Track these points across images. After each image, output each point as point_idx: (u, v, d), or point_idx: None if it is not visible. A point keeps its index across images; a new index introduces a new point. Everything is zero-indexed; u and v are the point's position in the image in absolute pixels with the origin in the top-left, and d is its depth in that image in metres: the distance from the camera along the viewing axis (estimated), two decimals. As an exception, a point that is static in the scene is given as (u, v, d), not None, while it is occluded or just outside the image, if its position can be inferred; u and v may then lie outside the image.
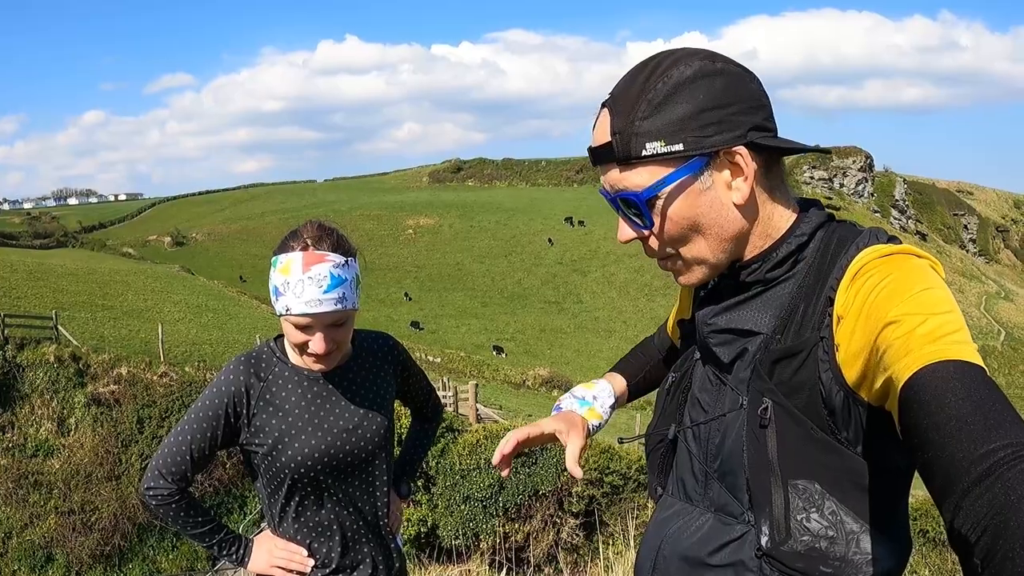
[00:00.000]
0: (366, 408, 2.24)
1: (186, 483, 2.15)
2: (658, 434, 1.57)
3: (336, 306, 2.01)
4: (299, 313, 1.99)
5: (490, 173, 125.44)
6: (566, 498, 16.88)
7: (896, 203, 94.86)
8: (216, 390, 2.12)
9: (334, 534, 2.23)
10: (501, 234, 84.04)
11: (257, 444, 2.13)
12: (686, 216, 1.29)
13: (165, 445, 2.14)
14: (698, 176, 1.27)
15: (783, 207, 1.35)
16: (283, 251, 2.04)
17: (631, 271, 70.16)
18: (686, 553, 1.41)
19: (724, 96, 1.25)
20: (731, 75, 1.27)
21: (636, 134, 1.27)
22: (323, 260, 2.01)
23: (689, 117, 1.24)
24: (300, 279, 1.99)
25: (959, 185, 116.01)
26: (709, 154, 1.26)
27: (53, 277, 39.51)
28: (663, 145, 1.25)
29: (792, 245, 1.32)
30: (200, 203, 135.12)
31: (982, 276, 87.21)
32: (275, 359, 2.20)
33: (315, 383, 2.20)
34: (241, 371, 2.14)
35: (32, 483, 21.09)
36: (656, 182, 1.28)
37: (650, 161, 1.27)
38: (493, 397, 31.20)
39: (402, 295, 67.78)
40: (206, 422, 2.10)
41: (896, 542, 1.30)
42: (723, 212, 1.29)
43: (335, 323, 2.06)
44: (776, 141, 1.28)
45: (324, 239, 2.05)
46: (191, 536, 2.20)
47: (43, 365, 23.10)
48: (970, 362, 1.04)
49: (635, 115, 1.27)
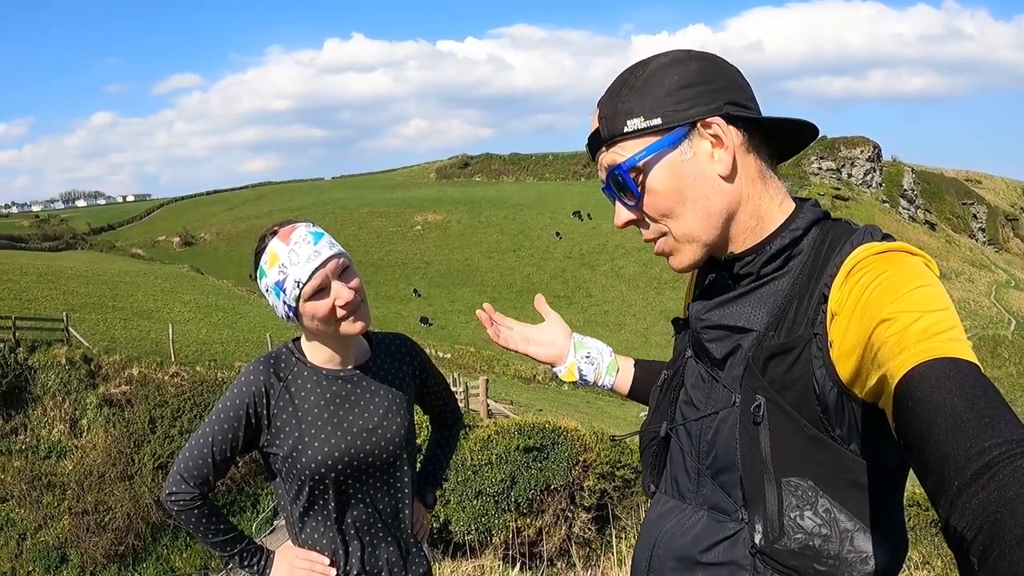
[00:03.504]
0: (386, 408, 2.22)
1: (208, 488, 2.12)
2: (651, 431, 1.57)
3: (332, 250, 2.03)
4: (309, 275, 2.00)
5: (497, 168, 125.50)
6: (578, 492, 16.89)
7: (904, 193, 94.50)
8: (236, 392, 2.10)
9: (354, 539, 2.20)
10: (509, 229, 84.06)
11: (277, 446, 2.11)
12: (671, 186, 1.33)
13: (186, 450, 2.11)
14: (678, 146, 1.32)
15: (773, 191, 1.36)
16: (260, 253, 2.09)
17: (640, 264, 70.11)
18: (680, 552, 1.41)
19: (699, 75, 1.32)
20: (705, 60, 1.35)
21: (618, 114, 1.34)
22: (295, 227, 2.06)
23: (666, 95, 1.31)
24: (289, 250, 2.01)
25: (967, 174, 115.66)
26: (687, 125, 1.31)
27: (63, 279, 39.68)
28: (643, 120, 1.32)
29: (786, 239, 1.33)
30: (208, 203, 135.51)
31: (992, 265, 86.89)
32: (294, 359, 2.18)
33: (334, 383, 2.17)
34: (261, 372, 2.12)
35: (45, 484, 21.16)
36: (637, 152, 1.33)
37: (632, 136, 1.34)
38: (504, 392, 31.21)
39: (411, 291, 67.91)
40: (227, 424, 2.08)
41: (891, 540, 1.30)
42: (708, 183, 1.32)
43: (343, 270, 2.07)
44: (752, 114, 1.33)
45: (286, 223, 2.11)
46: (211, 544, 2.17)
47: (55, 367, 23.18)
48: (964, 360, 1.03)
49: (618, 100, 1.35)
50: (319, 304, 2.03)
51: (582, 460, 17.15)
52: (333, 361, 2.19)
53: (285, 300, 2.04)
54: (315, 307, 2.03)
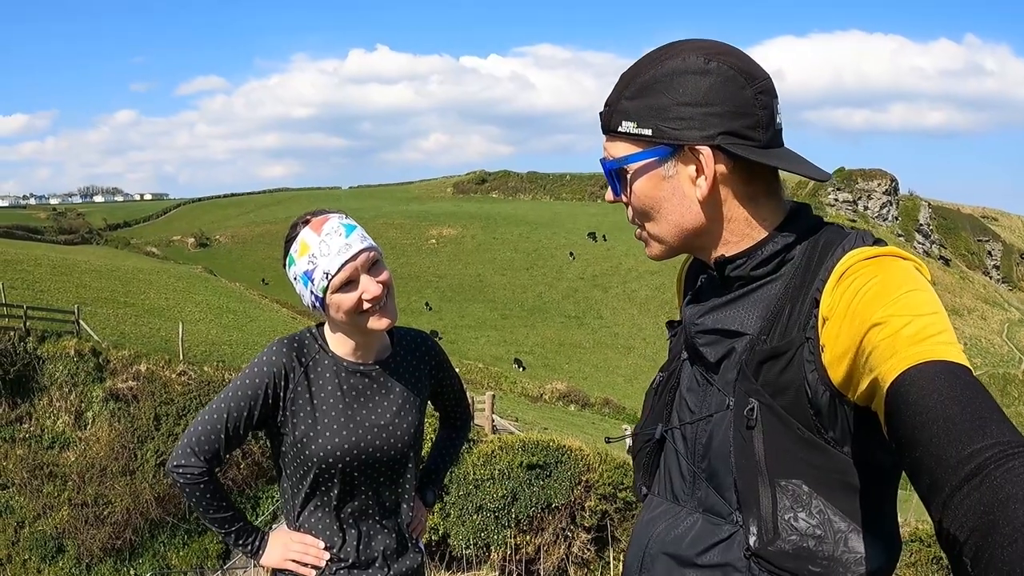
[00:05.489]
0: (399, 406, 2.23)
1: (218, 462, 2.13)
2: (645, 433, 1.58)
3: (364, 243, 2.04)
4: (339, 267, 2.00)
5: (514, 185, 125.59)
6: (579, 512, 16.84)
7: (920, 227, 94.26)
8: (257, 370, 2.10)
9: (352, 528, 2.21)
10: (523, 247, 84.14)
11: (288, 430, 2.12)
12: (648, 195, 1.37)
13: (198, 423, 2.12)
14: (663, 163, 1.33)
15: (765, 212, 1.36)
16: (291, 241, 2.10)
17: (652, 288, 70.06)
18: (674, 553, 1.41)
19: (703, 95, 1.28)
20: (720, 77, 1.29)
21: (617, 111, 1.36)
22: (328, 218, 2.07)
23: (663, 108, 1.30)
24: (320, 240, 2.02)
25: (984, 211, 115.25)
26: (674, 146, 1.31)
27: (76, 272, 39.89)
28: (635, 127, 1.33)
29: (778, 244, 1.34)
30: (225, 205, 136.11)
31: (1005, 303, 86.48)
32: (317, 346, 2.19)
33: (352, 376, 2.18)
34: (284, 353, 2.12)
35: (47, 474, 21.28)
36: (623, 156, 1.37)
37: (624, 137, 1.36)
38: (510, 409, 31.18)
39: (423, 304, 67.95)
40: (244, 400, 2.08)
41: (884, 540, 1.30)
42: (684, 203, 1.35)
43: (372, 264, 2.07)
44: (746, 151, 1.29)
45: (319, 212, 2.11)
46: (210, 521, 2.18)
47: (63, 358, 23.31)
48: (956, 362, 1.05)
49: (624, 93, 1.36)
50: (346, 297, 2.04)
51: (584, 480, 17.12)
52: (355, 354, 2.20)
53: (312, 290, 2.05)
54: (342, 299, 2.04)
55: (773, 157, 1.30)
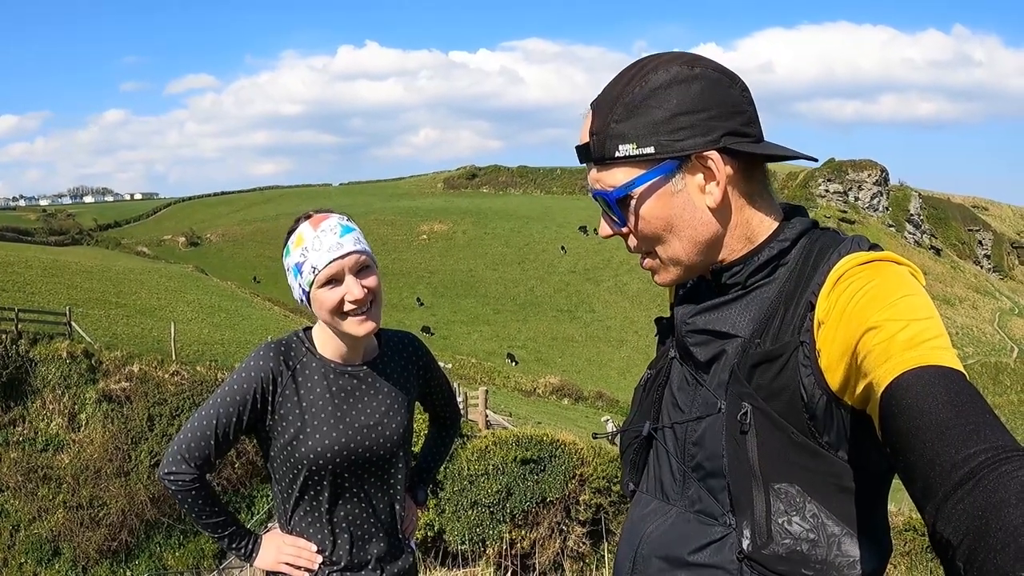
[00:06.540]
0: (388, 406, 2.24)
1: (208, 468, 2.13)
2: (633, 430, 1.57)
3: (356, 246, 2.06)
4: (326, 263, 2.03)
5: (505, 180, 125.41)
6: (573, 506, 16.87)
7: (911, 217, 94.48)
8: (245, 375, 2.11)
9: (344, 531, 2.21)
10: (514, 241, 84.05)
11: (278, 433, 2.13)
12: (659, 216, 1.32)
13: (188, 429, 2.12)
14: (670, 178, 1.30)
15: (764, 213, 1.36)
16: (291, 233, 2.13)
17: (644, 281, 69.99)
18: (666, 552, 1.41)
19: (699, 101, 1.27)
20: (708, 80, 1.29)
21: (610, 136, 1.31)
22: (328, 217, 2.11)
23: (662, 121, 1.27)
24: (315, 236, 2.06)
25: (974, 200, 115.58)
26: (681, 158, 1.28)
27: (68, 274, 39.77)
28: (635, 148, 1.29)
29: (774, 250, 1.33)
30: (215, 204, 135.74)
31: (996, 292, 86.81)
32: (304, 349, 2.20)
33: (340, 377, 2.20)
34: (271, 357, 2.14)
35: (41, 477, 21.23)
36: (627, 182, 1.32)
37: (623, 162, 1.31)
38: (503, 404, 31.21)
39: (414, 300, 67.92)
40: (232, 406, 2.09)
41: (877, 544, 1.31)
42: (696, 215, 1.32)
43: (361, 268, 2.09)
44: (751, 147, 1.30)
45: (322, 211, 2.15)
46: (203, 526, 2.19)
47: (55, 360, 23.25)
48: (950, 367, 1.05)
49: (611, 117, 1.31)
50: (329, 294, 2.06)
51: (579, 474, 17.15)
52: (342, 355, 2.21)
53: (300, 283, 2.09)
54: (325, 296, 2.06)
55: (771, 147, 1.31)
